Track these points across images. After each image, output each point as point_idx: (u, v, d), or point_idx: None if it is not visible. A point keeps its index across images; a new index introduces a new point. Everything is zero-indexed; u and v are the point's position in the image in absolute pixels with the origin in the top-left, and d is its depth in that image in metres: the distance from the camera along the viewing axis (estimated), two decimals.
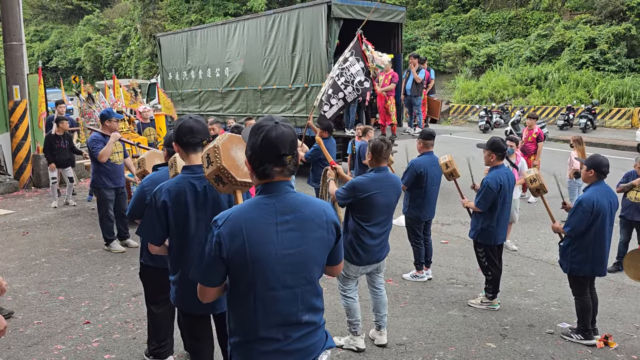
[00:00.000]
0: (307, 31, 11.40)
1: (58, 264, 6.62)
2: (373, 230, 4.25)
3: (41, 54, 47.44)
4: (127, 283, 5.94)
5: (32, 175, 11.43)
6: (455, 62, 29.09)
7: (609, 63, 23.81)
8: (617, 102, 22.19)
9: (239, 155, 2.61)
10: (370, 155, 4.30)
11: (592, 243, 4.59)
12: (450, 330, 4.88)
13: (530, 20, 28.62)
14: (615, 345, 4.68)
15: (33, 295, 5.63)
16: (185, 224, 2.89)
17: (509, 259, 6.82)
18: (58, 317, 5.08)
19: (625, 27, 23.89)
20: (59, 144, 9.40)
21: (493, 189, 5.14)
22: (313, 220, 2.14)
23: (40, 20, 53.97)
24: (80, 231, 8.07)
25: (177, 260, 2.99)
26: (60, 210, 9.37)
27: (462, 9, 31.63)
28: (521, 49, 26.92)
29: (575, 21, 26.50)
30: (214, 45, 14.41)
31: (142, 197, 3.49)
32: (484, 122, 21.46)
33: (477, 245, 5.45)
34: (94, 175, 6.95)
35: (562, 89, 23.68)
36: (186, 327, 3.18)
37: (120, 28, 44.66)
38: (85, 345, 4.51)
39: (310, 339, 2.17)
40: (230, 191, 2.66)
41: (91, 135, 6.91)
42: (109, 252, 7.04)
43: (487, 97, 25.79)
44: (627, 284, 6.15)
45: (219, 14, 34.38)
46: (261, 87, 12.91)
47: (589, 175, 4.67)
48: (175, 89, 16.21)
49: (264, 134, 2.06)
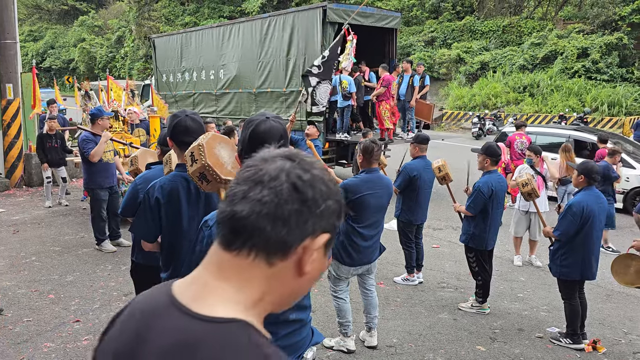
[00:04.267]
0: (302, 35, 11.43)
1: (48, 262, 6.59)
2: (364, 231, 4.27)
3: (35, 54, 47.24)
4: (118, 282, 5.92)
5: (24, 174, 11.38)
6: (449, 69, 29.26)
7: (601, 72, 24.05)
8: (609, 111, 22.41)
9: (222, 153, 2.62)
10: (362, 157, 4.33)
11: (581, 247, 4.64)
12: (440, 333, 4.90)
13: (524, 28, 28.86)
14: (603, 350, 4.72)
15: (23, 293, 5.60)
16: (177, 221, 2.89)
17: (499, 264, 6.86)
18: (48, 315, 5.06)
19: (617, 37, 24.15)
20: (50, 143, 9.36)
21: (484, 193, 5.17)
22: None
23: (34, 20, 53.76)
24: (71, 230, 8.04)
25: (169, 257, 2.98)
26: (52, 210, 9.33)
27: (457, 17, 31.85)
28: (515, 57, 27.13)
29: (568, 30, 26.76)
30: (209, 47, 14.42)
31: (135, 195, 3.49)
32: (477, 128, 21.59)
33: (468, 250, 5.48)
34: (87, 176, 6.91)
35: (554, 97, 23.88)
36: None
37: (114, 29, 44.58)
38: (75, 343, 4.49)
39: (297, 336, 2.19)
40: (214, 189, 2.66)
41: (82, 135, 6.87)
42: (100, 251, 7.01)
43: (480, 104, 25.95)
44: (616, 290, 6.20)
45: (214, 17, 34.43)
46: (255, 89, 12.93)
47: (579, 180, 4.72)
48: (170, 91, 16.20)
49: (252, 127, 2.08)
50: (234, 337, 0.87)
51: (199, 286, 0.94)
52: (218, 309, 0.91)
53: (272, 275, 0.94)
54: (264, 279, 0.93)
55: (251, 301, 0.94)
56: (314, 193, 0.93)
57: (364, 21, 11.26)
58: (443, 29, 31.34)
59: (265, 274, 0.93)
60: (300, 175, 0.94)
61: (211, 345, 0.86)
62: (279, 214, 0.91)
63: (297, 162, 0.96)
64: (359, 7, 11.42)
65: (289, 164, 0.95)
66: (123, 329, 0.99)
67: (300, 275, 0.95)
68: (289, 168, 0.94)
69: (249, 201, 0.91)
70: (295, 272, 0.95)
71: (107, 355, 0.98)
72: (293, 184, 0.92)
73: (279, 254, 0.92)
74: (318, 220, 0.93)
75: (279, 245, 0.92)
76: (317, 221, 0.93)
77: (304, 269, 0.94)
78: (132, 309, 1.01)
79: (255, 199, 0.91)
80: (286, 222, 0.91)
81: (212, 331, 0.88)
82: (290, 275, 0.95)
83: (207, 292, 0.93)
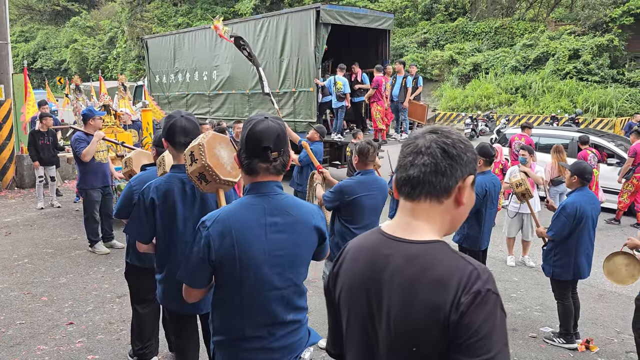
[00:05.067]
0: (295, 36, 11.43)
1: (41, 264, 6.55)
2: (360, 232, 4.25)
3: (26, 55, 46.89)
4: (112, 284, 5.89)
5: (16, 175, 11.30)
6: (442, 70, 29.36)
7: (592, 73, 24.21)
8: (600, 112, 22.56)
9: (222, 153, 2.61)
10: (357, 158, 4.33)
11: (574, 247, 4.66)
12: None
13: (516, 30, 29.01)
14: (596, 349, 4.75)
15: (15, 295, 5.56)
16: (172, 222, 2.88)
17: (492, 265, 6.88)
18: (41, 317, 5.03)
19: (608, 39, 24.34)
20: (43, 140, 9.32)
21: (478, 194, 5.18)
22: (301, 222, 2.14)
23: (25, 20, 53.36)
24: (64, 232, 7.99)
25: (164, 258, 2.97)
26: (44, 212, 9.27)
27: (449, 18, 31.97)
28: (507, 58, 27.27)
29: (559, 32, 26.93)
30: (202, 48, 14.39)
31: (130, 196, 3.48)
32: (470, 129, 21.66)
33: (462, 250, 5.49)
34: (80, 176, 6.88)
35: (546, 98, 24.01)
36: (172, 326, 3.17)
37: (107, 30, 44.36)
38: (69, 345, 4.47)
39: (294, 337, 2.19)
40: (212, 190, 2.65)
41: (74, 134, 6.83)
42: (93, 253, 6.98)
43: (472, 106, 26.05)
44: (608, 290, 6.24)
45: (207, 18, 34.34)
46: (249, 91, 12.92)
47: (572, 181, 4.74)
48: (163, 92, 16.15)
49: (250, 127, 2.07)
50: (441, 248, 1.37)
51: (405, 225, 1.43)
52: (424, 236, 1.39)
53: (444, 210, 1.41)
54: (439, 213, 1.41)
55: (438, 229, 1.41)
56: (457, 151, 1.38)
57: (357, 22, 11.28)
58: (436, 31, 31.45)
59: (439, 210, 1.41)
60: (445, 141, 1.39)
61: (431, 254, 1.35)
62: (438, 170, 1.37)
63: (439, 133, 1.41)
64: (352, 9, 11.47)
65: (435, 135, 1.40)
66: (354, 266, 1.49)
67: (460, 206, 1.42)
68: (436, 138, 1.40)
69: (417, 166, 1.39)
70: (456, 205, 1.42)
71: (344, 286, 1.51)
72: (442, 148, 1.38)
73: (444, 195, 1.39)
74: (464, 168, 1.39)
75: (443, 189, 1.38)
76: (463, 168, 1.39)
77: (461, 201, 1.41)
78: (355, 253, 1.51)
79: (421, 164, 1.38)
80: (444, 173, 1.37)
81: (428, 247, 1.37)
82: (454, 207, 1.42)
83: (412, 228, 1.41)
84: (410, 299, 1.33)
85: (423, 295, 1.31)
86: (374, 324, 1.43)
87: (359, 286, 1.46)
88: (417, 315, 1.31)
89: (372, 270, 1.43)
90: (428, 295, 1.30)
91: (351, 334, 1.51)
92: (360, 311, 1.47)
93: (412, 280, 1.34)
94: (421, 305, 1.31)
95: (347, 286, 1.50)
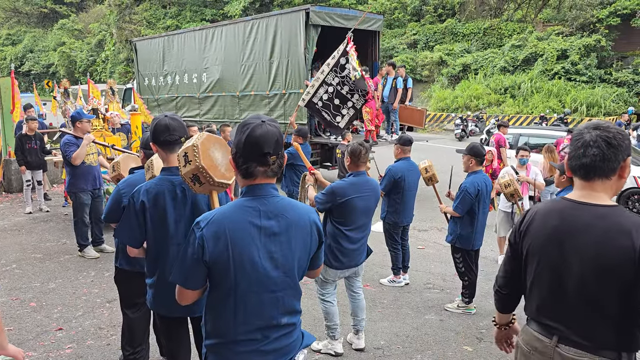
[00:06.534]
0: (285, 38, 11.42)
1: (30, 270, 6.47)
2: (352, 234, 4.26)
3: (14, 58, 46.51)
4: (101, 289, 5.84)
5: (3, 180, 11.17)
6: (432, 71, 29.49)
7: (580, 74, 24.42)
8: (588, 111, 22.75)
9: (216, 155, 2.58)
10: (349, 160, 4.32)
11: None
12: (427, 334, 4.91)
13: (505, 31, 29.21)
14: None
15: (3, 301, 5.49)
16: (163, 225, 2.84)
17: (484, 264, 6.89)
18: (29, 323, 4.96)
19: (595, 39, 24.57)
20: (30, 144, 9.23)
21: (471, 193, 5.19)
22: (297, 224, 2.12)
23: (12, 23, 52.93)
24: (52, 237, 7.91)
25: (154, 262, 2.93)
26: (32, 216, 9.18)
27: (439, 19, 32.13)
28: (496, 59, 27.44)
29: (547, 33, 27.15)
30: (191, 50, 14.33)
31: (118, 200, 3.43)
32: (460, 130, 21.77)
33: (455, 251, 5.49)
34: (70, 179, 6.81)
35: (535, 98, 24.18)
36: (163, 330, 3.13)
37: (95, 33, 44.10)
38: (58, 351, 4.41)
39: (288, 339, 2.17)
40: (206, 191, 2.62)
41: (63, 138, 6.77)
42: (82, 258, 6.91)
43: (462, 106, 26.18)
44: None
45: (196, 20, 34.26)
46: (239, 93, 12.88)
47: (561, 180, 4.76)
48: (152, 94, 16.06)
49: (248, 132, 2.04)
50: (622, 209, 2.00)
51: (587, 195, 2.03)
52: (605, 201, 2.00)
53: (612, 183, 2.03)
54: (609, 187, 2.03)
55: (610, 196, 2.03)
56: (617, 141, 1.97)
57: (346, 24, 11.28)
58: (425, 32, 31.59)
59: (609, 184, 2.02)
60: (607, 135, 1.97)
61: (617, 213, 1.97)
62: (605, 157, 1.97)
63: (602, 129, 1.99)
64: (341, 10, 11.47)
65: (598, 131, 1.99)
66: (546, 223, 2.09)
67: (622, 179, 2.03)
68: (599, 133, 1.98)
69: (588, 156, 1.99)
70: (619, 178, 2.03)
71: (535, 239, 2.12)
72: (606, 141, 1.97)
73: (611, 173, 2.00)
74: (624, 152, 1.98)
75: (611, 170, 2.00)
76: (623, 153, 1.99)
77: (624, 176, 2.02)
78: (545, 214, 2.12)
79: (591, 154, 1.98)
80: (610, 159, 1.97)
81: (613, 209, 1.99)
82: (617, 180, 2.03)
83: (593, 197, 2.02)
84: (605, 244, 1.92)
85: (615, 242, 1.91)
86: (565, 265, 2.02)
87: (551, 238, 2.05)
88: (610, 255, 1.91)
89: (565, 224, 2.03)
90: (619, 242, 1.90)
91: (539, 275, 2.11)
92: (552, 257, 2.05)
93: (605, 232, 1.93)
94: (615, 249, 1.90)
95: (539, 239, 2.09)
